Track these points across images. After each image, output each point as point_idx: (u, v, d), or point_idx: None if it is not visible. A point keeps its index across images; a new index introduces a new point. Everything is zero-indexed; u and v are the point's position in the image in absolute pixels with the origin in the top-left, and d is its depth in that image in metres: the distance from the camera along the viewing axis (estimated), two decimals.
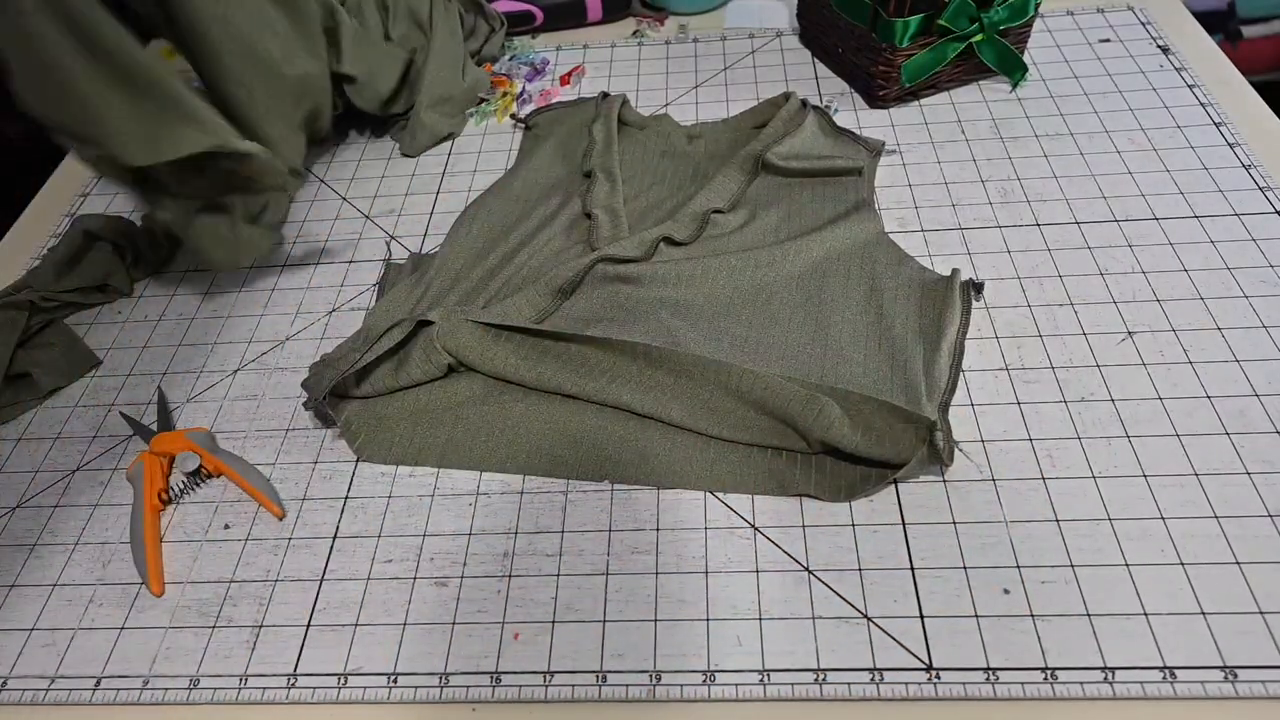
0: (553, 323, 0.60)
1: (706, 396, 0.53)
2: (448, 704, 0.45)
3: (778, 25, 0.89)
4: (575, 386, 0.55)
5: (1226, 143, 0.68)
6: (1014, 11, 0.72)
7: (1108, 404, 0.53)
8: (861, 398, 0.50)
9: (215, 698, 0.47)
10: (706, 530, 0.50)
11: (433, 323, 0.56)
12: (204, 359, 0.65)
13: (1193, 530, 0.47)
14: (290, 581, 0.51)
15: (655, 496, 0.52)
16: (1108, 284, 0.60)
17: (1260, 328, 0.56)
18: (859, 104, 0.78)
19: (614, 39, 0.91)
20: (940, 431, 0.49)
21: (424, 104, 0.78)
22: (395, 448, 0.56)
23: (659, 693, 0.44)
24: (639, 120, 0.78)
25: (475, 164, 0.78)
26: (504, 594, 0.49)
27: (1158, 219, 0.64)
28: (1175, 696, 0.42)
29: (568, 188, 0.73)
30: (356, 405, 0.58)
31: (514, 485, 0.54)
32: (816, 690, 0.43)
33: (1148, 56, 0.78)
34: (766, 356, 0.57)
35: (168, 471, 0.57)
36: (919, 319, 0.58)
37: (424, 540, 0.52)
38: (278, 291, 0.69)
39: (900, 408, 0.49)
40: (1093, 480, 0.50)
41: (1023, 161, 0.70)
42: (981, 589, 0.46)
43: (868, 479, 0.50)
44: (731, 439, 0.53)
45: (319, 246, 0.73)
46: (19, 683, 0.49)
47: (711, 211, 0.67)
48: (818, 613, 0.46)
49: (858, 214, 0.65)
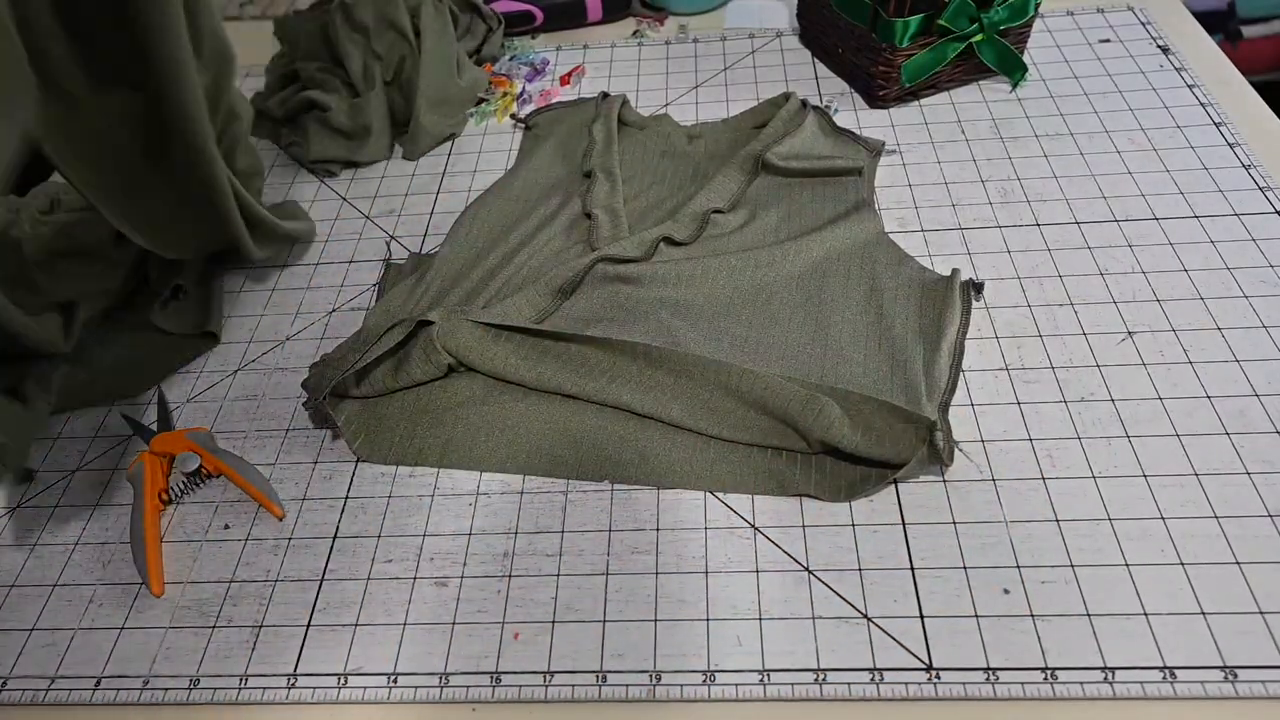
0: (553, 323, 0.60)
1: (706, 396, 0.53)
2: (448, 704, 0.45)
3: (778, 25, 0.89)
4: (575, 386, 0.55)
5: (1226, 143, 0.68)
6: (1014, 11, 0.72)
7: (1108, 404, 0.53)
8: (861, 398, 0.50)
9: (215, 698, 0.47)
10: (706, 530, 0.50)
11: (432, 323, 0.56)
12: (204, 359, 0.65)
13: (1193, 530, 0.47)
14: (290, 581, 0.51)
15: (655, 496, 0.52)
16: (1108, 284, 0.60)
17: (1260, 328, 0.56)
18: (859, 104, 0.78)
19: (614, 39, 0.91)
20: (940, 431, 0.49)
21: (422, 108, 0.78)
22: (395, 448, 0.56)
23: (659, 693, 0.44)
24: (639, 120, 0.78)
25: (475, 164, 0.78)
26: (504, 594, 0.49)
27: (1158, 219, 0.64)
28: (1175, 696, 0.42)
29: (568, 188, 0.73)
30: (356, 405, 0.58)
31: (514, 485, 0.54)
32: (816, 690, 0.43)
33: (1148, 56, 0.78)
34: (766, 356, 0.57)
35: (168, 471, 0.57)
36: (919, 319, 0.58)
37: (424, 540, 0.52)
38: (278, 291, 0.69)
39: (900, 408, 0.49)
40: (1093, 480, 0.50)
41: (1023, 161, 0.70)
42: (981, 589, 0.46)
43: (868, 479, 0.50)
44: (731, 439, 0.53)
45: (319, 246, 0.73)
46: (19, 683, 0.49)
47: (711, 211, 0.67)
48: (818, 613, 0.46)
49: (858, 214, 0.65)
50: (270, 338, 0.66)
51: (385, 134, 0.80)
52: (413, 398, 0.58)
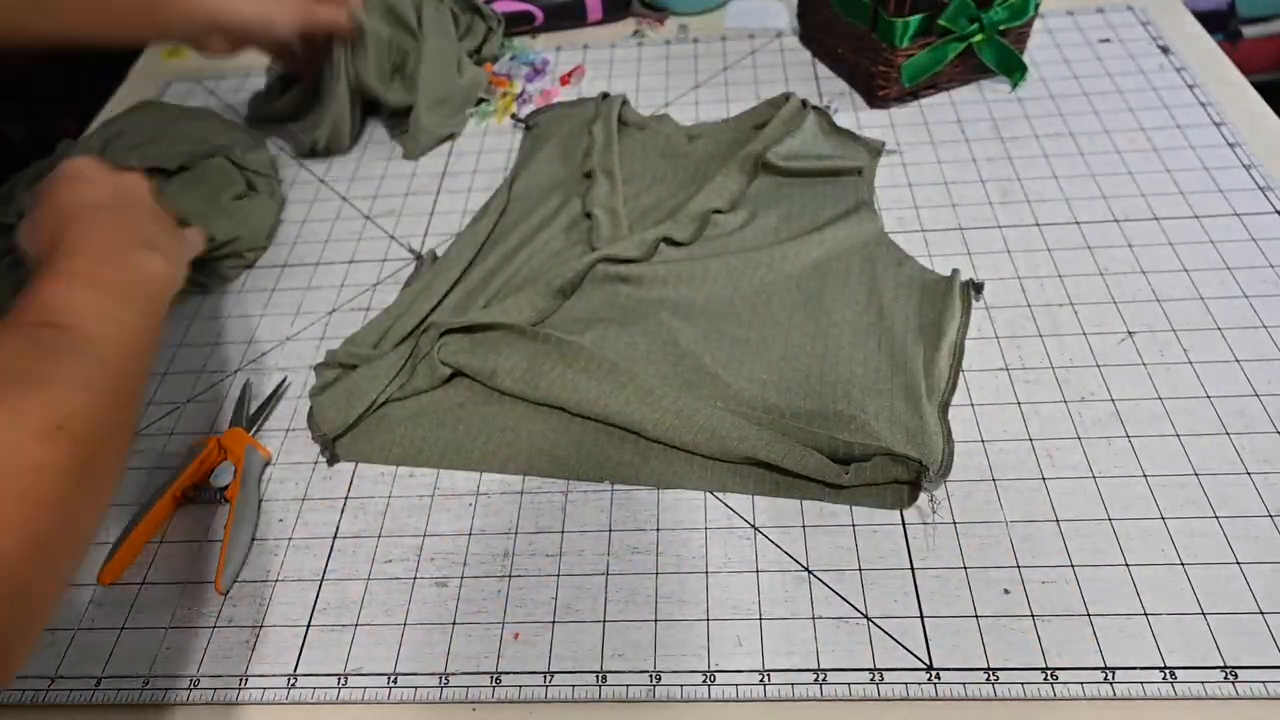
0: (552, 323, 0.60)
1: (702, 421, 0.52)
2: (448, 704, 0.45)
3: (778, 25, 0.89)
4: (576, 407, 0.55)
5: (1226, 143, 0.68)
6: (1014, 11, 0.72)
7: (1108, 404, 0.53)
8: (847, 442, 0.49)
9: (215, 698, 0.47)
10: (706, 530, 0.50)
11: (434, 329, 0.56)
12: (204, 359, 0.65)
13: (1193, 530, 0.47)
14: (290, 581, 0.51)
15: (655, 496, 0.52)
16: (1108, 284, 0.60)
17: (1260, 328, 0.56)
18: (859, 104, 0.78)
19: (614, 39, 0.91)
20: (928, 484, 0.48)
21: (422, 107, 0.78)
22: (395, 448, 0.56)
23: (659, 693, 0.44)
24: (639, 120, 0.78)
25: (475, 164, 0.78)
26: (504, 594, 0.49)
27: (1158, 219, 0.64)
28: (1175, 697, 0.42)
29: (568, 188, 0.73)
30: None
31: (514, 485, 0.54)
32: (816, 690, 0.43)
33: (1148, 56, 0.78)
34: (766, 356, 0.57)
35: (210, 470, 0.56)
36: (919, 319, 0.58)
37: (424, 540, 0.52)
38: (278, 291, 0.69)
39: (890, 455, 0.48)
40: (1093, 480, 0.50)
41: (1023, 161, 0.70)
42: (981, 589, 0.46)
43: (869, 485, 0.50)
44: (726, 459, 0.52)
45: (319, 246, 0.73)
46: (19, 683, 0.49)
47: (711, 211, 0.67)
48: (818, 613, 0.46)
49: (858, 214, 0.65)
50: (270, 338, 0.66)
51: (345, 123, 0.80)
52: (413, 398, 0.58)
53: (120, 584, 0.52)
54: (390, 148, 0.81)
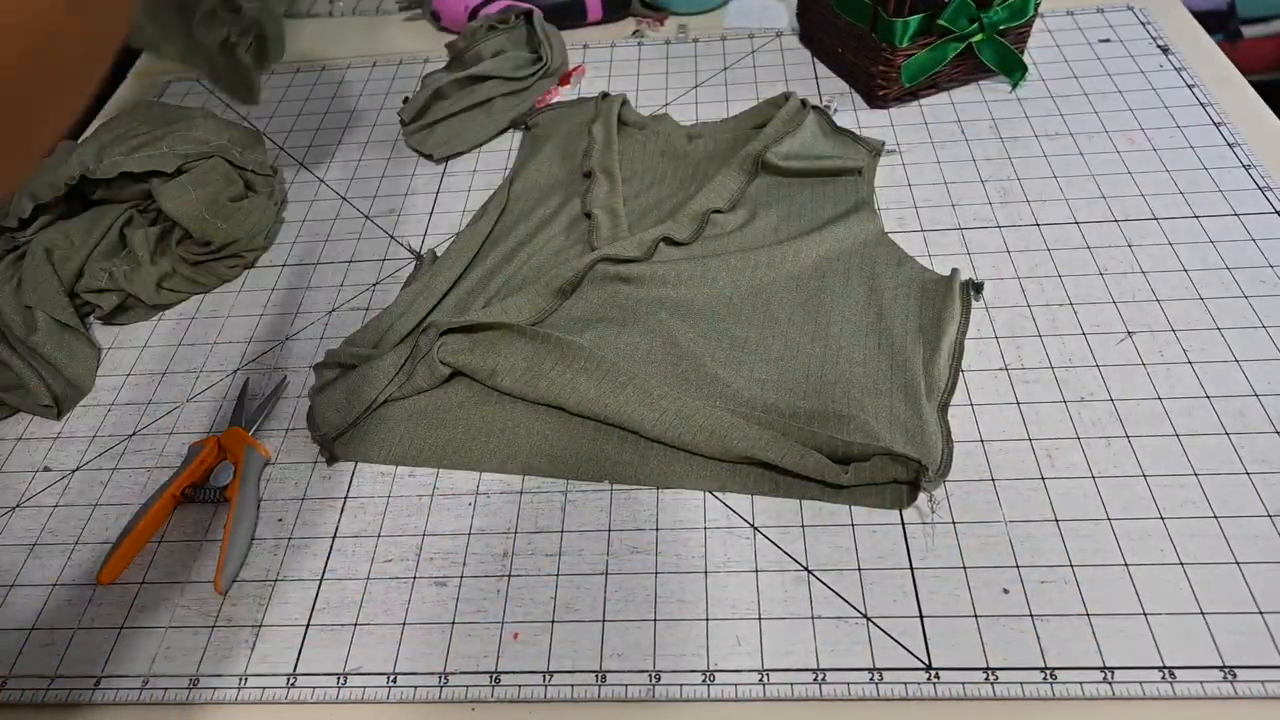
0: (552, 323, 0.60)
1: (702, 420, 0.52)
2: (447, 704, 0.45)
3: (778, 25, 0.89)
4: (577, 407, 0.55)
5: (1226, 143, 0.68)
6: (1014, 11, 0.72)
7: (1107, 404, 0.53)
8: (847, 442, 0.49)
9: (215, 698, 0.47)
10: (706, 530, 0.50)
11: (433, 329, 0.56)
12: (204, 359, 0.65)
13: (1192, 530, 0.47)
14: (290, 581, 0.51)
15: (655, 496, 0.52)
16: (1108, 284, 0.60)
17: (1260, 328, 0.56)
18: (859, 104, 0.78)
19: (614, 39, 0.91)
20: (927, 484, 0.49)
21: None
22: (395, 447, 0.56)
23: (659, 693, 0.44)
24: (639, 120, 0.78)
25: (475, 164, 0.78)
26: (504, 594, 0.49)
27: (1157, 219, 0.64)
28: (1175, 696, 0.42)
29: (568, 188, 0.73)
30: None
31: (514, 485, 0.54)
32: (816, 690, 0.43)
33: (1148, 56, 0.78)
34: (766, 356, 0.57)
35: (210, 469, 0.56)
36: (919, 319, 0.58)
37: (424, 540, 0.52)
38: (278, 291, 0.69)
39: (889, 455, 0.48)
40: (1092, 480, 0.50)
41: (1022, 161, 0.70)
42: (981, 589, 0.46)
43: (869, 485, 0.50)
44: (725, 459, 0.52)
45: (319, 246, 0.73)
46: (19, 683, 0.49)
47: (711, 211, 0.67)
48: (817, 613, 0.46)
49: (857, 214, 0.65)
50: (270, 338, 0.66)
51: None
52: (413, 399, 0.58)
53: (120, 583, 0.52)
54: (390, 147, 0.81)
